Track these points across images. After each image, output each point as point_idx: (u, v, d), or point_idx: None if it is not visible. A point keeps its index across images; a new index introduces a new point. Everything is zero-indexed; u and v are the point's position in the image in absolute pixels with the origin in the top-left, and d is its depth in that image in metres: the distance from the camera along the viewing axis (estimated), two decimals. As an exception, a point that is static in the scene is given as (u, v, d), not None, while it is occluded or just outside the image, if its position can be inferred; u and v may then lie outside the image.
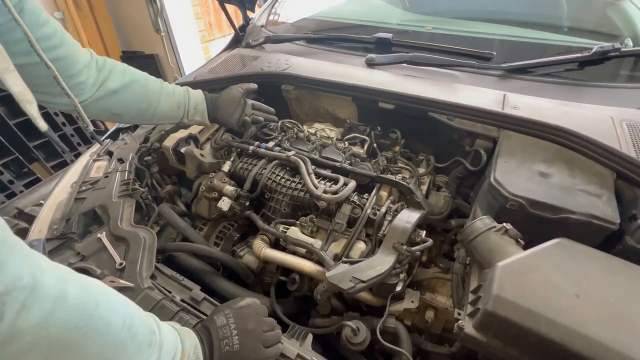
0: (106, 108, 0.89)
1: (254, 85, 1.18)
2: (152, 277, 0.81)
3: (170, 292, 0.78)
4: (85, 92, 0.82)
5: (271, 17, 1.79)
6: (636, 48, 1.30)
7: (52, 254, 0.88)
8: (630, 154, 0.86)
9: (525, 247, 0.73)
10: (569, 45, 1.39)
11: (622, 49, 1.14)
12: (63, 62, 0.74)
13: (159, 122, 1.05)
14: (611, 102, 1.07)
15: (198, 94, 1.06)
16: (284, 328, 0.81)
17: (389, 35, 1.39)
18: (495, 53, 1.26)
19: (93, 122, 2.56)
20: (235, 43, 1.69)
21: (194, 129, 1.26)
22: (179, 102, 1.01)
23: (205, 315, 0.73)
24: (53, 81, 0.68)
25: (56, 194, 1.09)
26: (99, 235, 0.91)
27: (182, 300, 0.77)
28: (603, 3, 1.64)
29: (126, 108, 0.92)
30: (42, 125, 0.62)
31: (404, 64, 1.31)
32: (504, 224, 0.77)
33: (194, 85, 1.37)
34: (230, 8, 1.60)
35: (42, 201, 1.11)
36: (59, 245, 0.90)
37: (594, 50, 1.13)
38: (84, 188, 1.09)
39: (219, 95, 1.11)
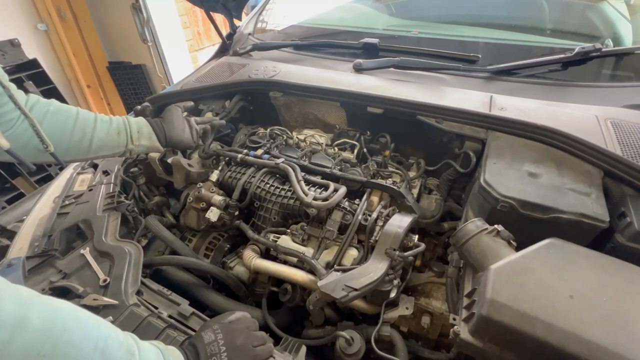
0: (29, 142, 0.76)
1: (190, 102, 1.22)
2: (138, 292, 0.78)
3: (156, 308, 0.75)
4: (6, 126, 0.73)
5: (258, 25, 1.79)
6: (617, 48, 1.33)
7: (32, 272, 0.85)
8: (616, 152, 0.87)
9: (517, 248, 0.73)
10: (552, 46, 1.42)
11: (603, 49, 1.16)
12: None
13: (98, 153, 0.90)
14: (595, 101, 1.09)
15: (139, 119, 0.99)
16: (277, 340, 0.79)
17: (375, 41, 1.40)
18: (480, 56, 1.28)
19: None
20: (222, 51, 1.68)
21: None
22: (119, 128, 0.92)
23: (194, 331, 0.71)
24: None
25: (38, 210, 1.05)
26: (82, 251, 0.87)
27: (170, 316, 0.74)
28: (583, 5, 1.68)
29: (56, 140, 0.79)
30: (4, 143, 0.59)
31: (391, 69, 1.32)
32: (496, 226, 0.76)
33: (181, 94, 1.36)
34: (218, 17, 1.60)
35: (24, 217, 1.07)
36: (39, 263, 0.87)
37: (576, 51, 1.15)
38: (67, 202, 1.05)
39: (161, 117, 1.05)
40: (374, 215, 0.95)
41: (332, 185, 1.00)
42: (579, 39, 1.45)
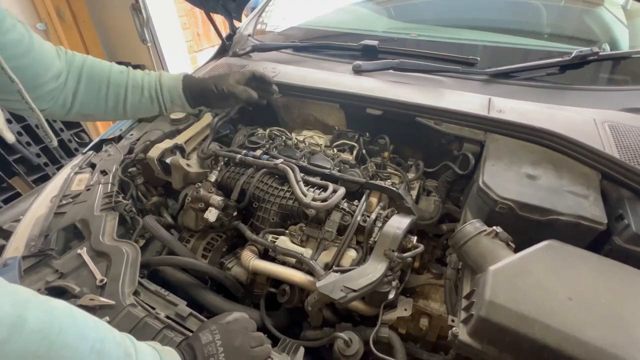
0: (78, 111, 0.85)
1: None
2: (135, 293, 0.78)
3: (154, 309, 0.75)
4: (52, 99, 0.78)
5: (258, 27, 1.79)
6: (614, 52, 1.34)
7: (28, 272, 0.84)
8: (614, 155, 0.87)
9: (515, 250, 0.73)
10: (550, 50, 1.43)
11: (600, 53, 1.17)
12: (29, 70, 0.71)
13: (135, 116, 0.99)
14: (593, 104, 1.10)
15: (174, 86, 0.94)
16: (275, 342, 0.78)
17: (374, 43, 1.40)
18: (479, 58, 1.28)
19: (77, 134, 2.51)
20: (222, 52, 1.68)
21: (180, 139, 1.24)
22: (151, 97, 0.92)
23: (192, 331, 0.70)
24: (25, 87, 0.65)
25: (35, 209, 1.04)
26: (79, 251, 0.87)
27: (167, 317, 0.74)
28: (580, 10, 1.69)
29: (94, 107, 0.86)
30: (10, 137, 0.59)
31: (390, 71, 1.32)
32: (494, 227, 0.76)
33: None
34: (218, 18, 1.60)
35: (21, 217, 1.06)
36: (36, 263, 0.86)
37: (573, 55, 1.16)
38: (64, 202, 1.05)
39: (211, 79, 0.98)
40: (373, 216, 0.95)
41: (331, 186, 1.00)
42: (576, 43, 1.46)
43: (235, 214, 1.06)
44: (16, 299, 0.40)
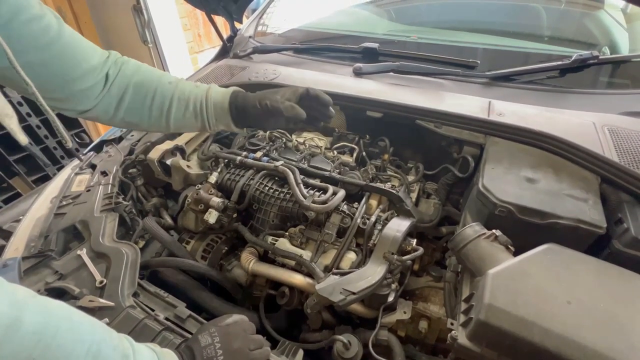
0: (123, 119, 0.79)
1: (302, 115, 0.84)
2: (135, 294, 0.78)
3: (153, 311, 0.75)
4: (90, 101, 0.73)
5: (259, 28, 1.80)
6: (614, 56, 1.34)
7: (28, 273, 0.84)
8: (613, 159, 0.88)
9: (515, 253, 0.73)
10: (550, 53, 1.43)
11: (600, 57, 1.17)
12: (57, 64, 0.66)
13: (179, 131, 0.87)
14: (592, 107, 1.10)
15: (221, 102, 0.83)
16: (274, 344, 0.78)
17: (375, 45, 1.41)
18: (479, 61, 1.29)
19: (78, 134, 2.51)
20: (223, 54, 1.69)
21: (181, 140, 1.24)
22: (195, 112, 0.83)
23: (191, 333, 0.70)
24: (53, 82, 0.63)
25: (35, 210, 1.04)
26: (78, 252, 0.87)
27: (166, 319, 0.74)
28: (580, 13, 1.70)
29: (137, 116, 0.80)
30: (23, 139, 0.58)
31: (391, 73, 1.32)
32: (494, 231, 0.76)
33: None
34: (219, 20, 1.60)
35: (21, 217, 1.07)
36: (35, 263, 0.86)
37: (573, 58, 1.16)
38: (64, 203, 1.05)
39: (263, 97, 0.83)
40: (373, 218, 0.95)
41: (331, 189, 1.00)
42: (576, 47, 1.47)
43: (235, 215, 1.06)
44: (14, 300, 0.40)
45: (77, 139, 2.44)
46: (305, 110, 0.83)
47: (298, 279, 0.90)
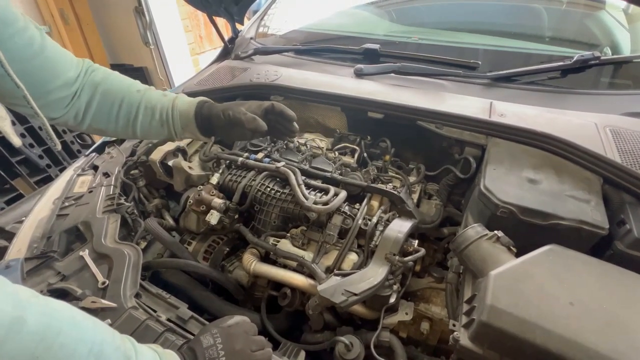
0: (90, 125, 0.82)
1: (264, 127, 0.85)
2: (137, 295, 0.78)
3: (155, 312, 0.75)
4: (61, 109, 0.76)
5: (260, 30, 1.80)
6: (615, 56, 1.34)
7: (30, 274, 0.84)
8: (615, 159, 0.87)
9: (517, 255, 0.73)
10: (551, 54, 1.43)
11: (602, 57, 1.17)
12: (35, 76, 0.68)
13: (145, 139, 0.89)
14: (594, 108, 1.10)
15: (187, 112, 0.85)
16: (276, 345, 0.78)
17: (376, 46, 1.41)
18: (480, 62, 1.29)
19: (80, 135, 2.52)
20: (224, 55, 1.69)
21: (182, 141, 1.24)
22: (162, 121, 0.85)
23: (193, 334, 0.70)
24: (32, 92, 0.64)
25: (37, 211, 1.05)
26: (81, 253, 0.87)
27: (169, 320, 0.74)
28: (582, 14, 1.70)
29: (104, 123, 0.82)
30: (16, 141, 0.59)
31: (392, 74, 1.33)
32: (496, 232, 0.76)
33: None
34: (220, 21, 1.61)
35: (24, 218, 1.07)
36: (38, 264, 0.86)
37: (575, 59, 1.16)
38: (66, 204, 1.05)
39: (227, 110, 0.85)
40: (374, 219, 0.95)
41: (332, 190, 1.00)
42: (577, 47, 1.47)
43: (236, 216, 1.06)
44: (17, 300, 0.40)
45: (79, 140, 2.45)
46: (269, 123, 0.86)
47: (300, 280, 0.90)
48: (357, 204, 1.01)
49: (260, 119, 0.83)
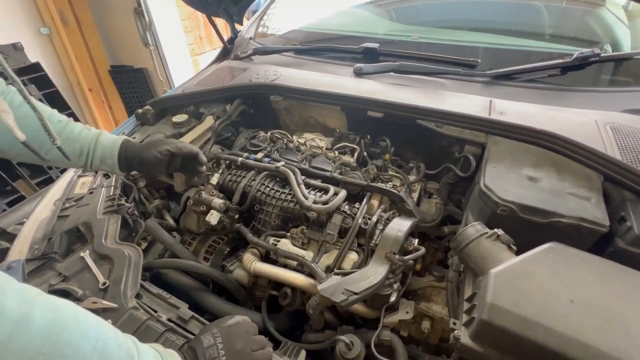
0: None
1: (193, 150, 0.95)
2: (138, 296, 0.78)
3: (156, 312, 0.75)
4: None
5: (259, 30, 1.80)
6: (615, 53, 1.34)
7: (32, 275, 0.85)
8: (616, 156, 0.87)
9: (517, 253, 0.73)
10: (551, 51, 1.43)
11: (602, 54, 1.17)
12: None
13: (55, 164, 0.86)
14: (594, 105, 1.10)
15: (111, 147, 0.89)
16: (276, 345, 0.78)
17: (375, 45, 1.41)
18: (480, 60, 1.28)
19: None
20: (223, 55, 1.70)
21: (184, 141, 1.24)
22: (82, 150, 0.86)
23: (193, 334, 0.70)
24: None
25: (38, 212, 1.05)
26: (81, 254, 0.87)
27: (169, 320, 0.74)
28: (582, 11, 1.69)
29: (9, 145, 0.77)
30: (20, 135, 0.59)
31: (391, 73, 1.32)
32: (496, 230, 0.76)
33: (182, 98, 1.37)
34: (219, 22, 1.61)
35: (25, 220, 1.07)
36: (39, 265, 0.87)
37: (575, 56, 1.16)
38: (67, 205, 1.05)
39: (145, 146, 0.91)
40: (374, 219, 0.95)
41: (332, 189, 1.00)
42: (577, 44, 1.46)
43: (236, 216, 1.06)
44: (23, 297, 0.41)
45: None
46: (181, 163, 0.96)
47: (300, 280, 0.90)
48: (357, 203, 1.01)
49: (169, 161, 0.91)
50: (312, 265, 0.89)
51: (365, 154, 1.23)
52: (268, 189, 1.06)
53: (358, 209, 0.98)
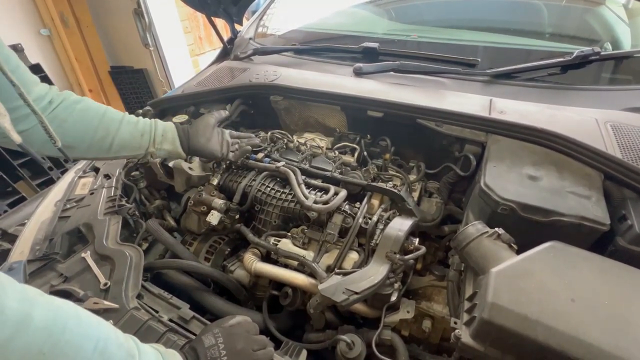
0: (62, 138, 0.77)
1: (226, 112, 1.14)
2: (139, 296, 0.78)
3: (157, 312, 0.75)
4: (27, 121, 0.74)
5: (259, 30, 1.80)
6: (615, 51, 1.34)
7: (33, 276, 0.85)
8: (616, 155, 0.87)
9: (518, 252, 0.73)
10: (551, 50, 1.43)
11: (602, 53, 1.16)
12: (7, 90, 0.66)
13: (118, 154, 0.90)
14: (594, 104, 1.09)
15: (168, 123, 0.98)
16: (277, 344, 0.79)
17: (375, 45, 1.41)
18: (479, 59, 1.28)
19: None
20: (223, 56, 1.70)
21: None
22: (143, 130, 0.92)
23: (194, 335, 0.71)
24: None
25: (39, 213, 1.05)
26: (83, 254, 0.88)
27: (170, 320, 0.74)
28: (582, 9, 1.69)
29: (79, 138, 0.83)
30: (16, 137, 0.59)
31: (391, 73, 1.32)
32: (496, 229, 0.76)
33: (182, 98, 1.37)
34: (219, 22, 1.61)
35: (26, 221, 1.08)
36: (41, 266, 0.87)
37: (575, 55, 1.16)
38: (68, 206, 1.06)
39: (192, 123, 1.03)
40: (375, 218, 0.95)
41: (332, 189, 1.00)
42: (578, 43, 1.46)
43: (237, 217, 1.07)
44: (24, 297, 0.41)
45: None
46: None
47: (301, 280, 0.90)
48: (358, 203, 1.01)
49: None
50: (312, 265, 0.89)
51: (365, 153, 1.23)
52: (268, 189, 1.06)
53: (358, 208, 0.99)
